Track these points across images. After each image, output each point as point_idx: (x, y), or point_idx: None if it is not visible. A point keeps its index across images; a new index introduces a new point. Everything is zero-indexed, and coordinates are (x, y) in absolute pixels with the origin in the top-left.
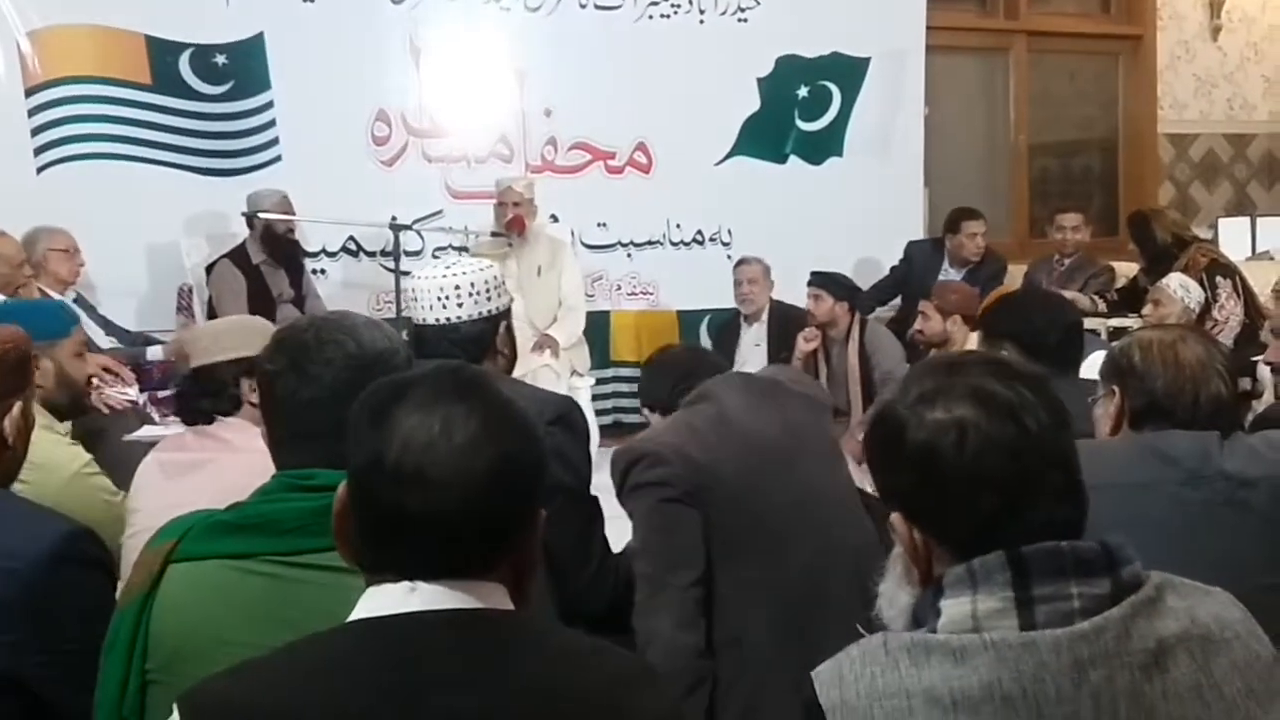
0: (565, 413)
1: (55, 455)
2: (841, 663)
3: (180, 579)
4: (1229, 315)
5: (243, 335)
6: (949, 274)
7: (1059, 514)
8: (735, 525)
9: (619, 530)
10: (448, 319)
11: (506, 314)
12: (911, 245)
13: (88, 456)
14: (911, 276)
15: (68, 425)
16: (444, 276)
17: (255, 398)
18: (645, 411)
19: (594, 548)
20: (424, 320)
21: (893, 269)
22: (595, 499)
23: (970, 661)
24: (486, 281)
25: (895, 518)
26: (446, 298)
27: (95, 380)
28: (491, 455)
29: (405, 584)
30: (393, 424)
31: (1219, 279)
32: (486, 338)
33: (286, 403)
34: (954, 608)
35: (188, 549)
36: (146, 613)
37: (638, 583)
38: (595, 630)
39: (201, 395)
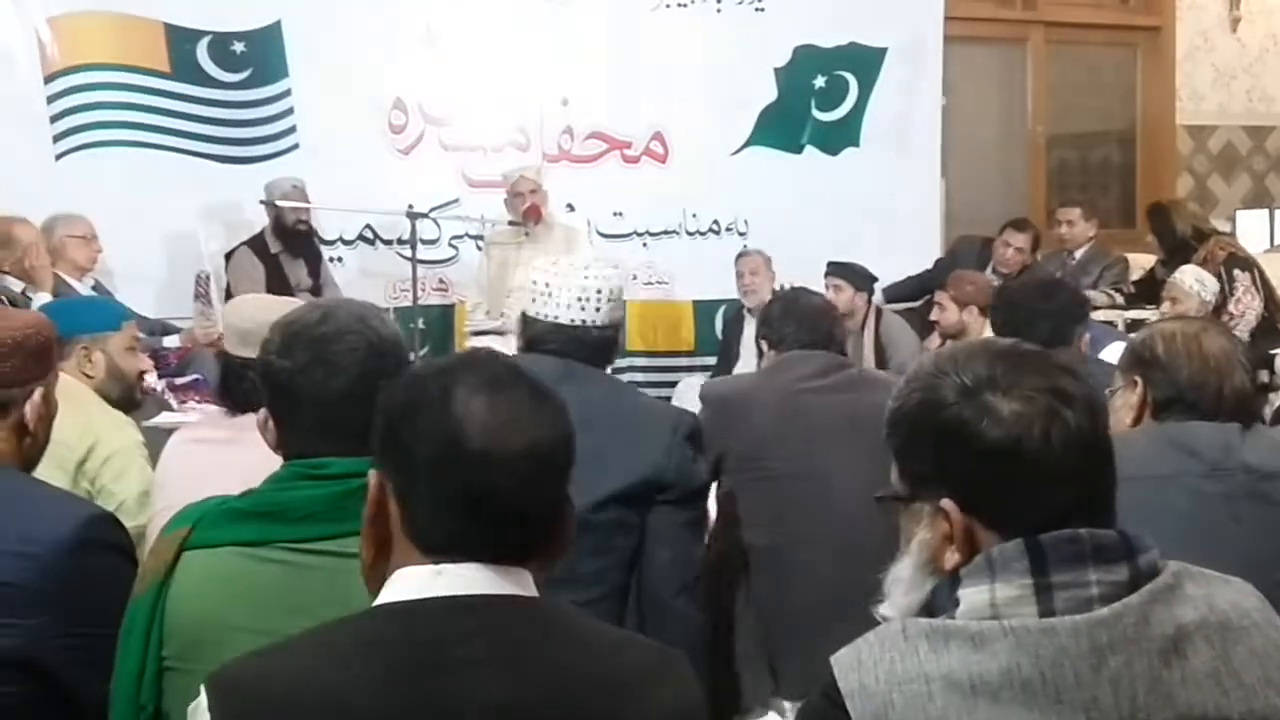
0: (696, 428)
1: (118, 426)
2: (860, 648)
3: (195, 566)
4: (1245, 309)
5: None
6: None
7: (1111, 509)
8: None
9: None
10: (583, 321)
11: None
12: (960, 241)
13: (140, 438)
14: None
15: None
16: (584, 280)
17: None
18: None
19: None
20: (553, 317)
21: (933, 266)
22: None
23: (989, 647)
24: (617, 289)
25: (949, 504)
26: (587, 300)
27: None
28: (553, 436)
29: (432, 567)
30: (463, 406)
31: (1237, 272)
32: (611, 347)
33: (313, 396)
34: (973, 595)
35: (202, 536)
36: (162, 600)
37: None
38: None
39: (243, 381)
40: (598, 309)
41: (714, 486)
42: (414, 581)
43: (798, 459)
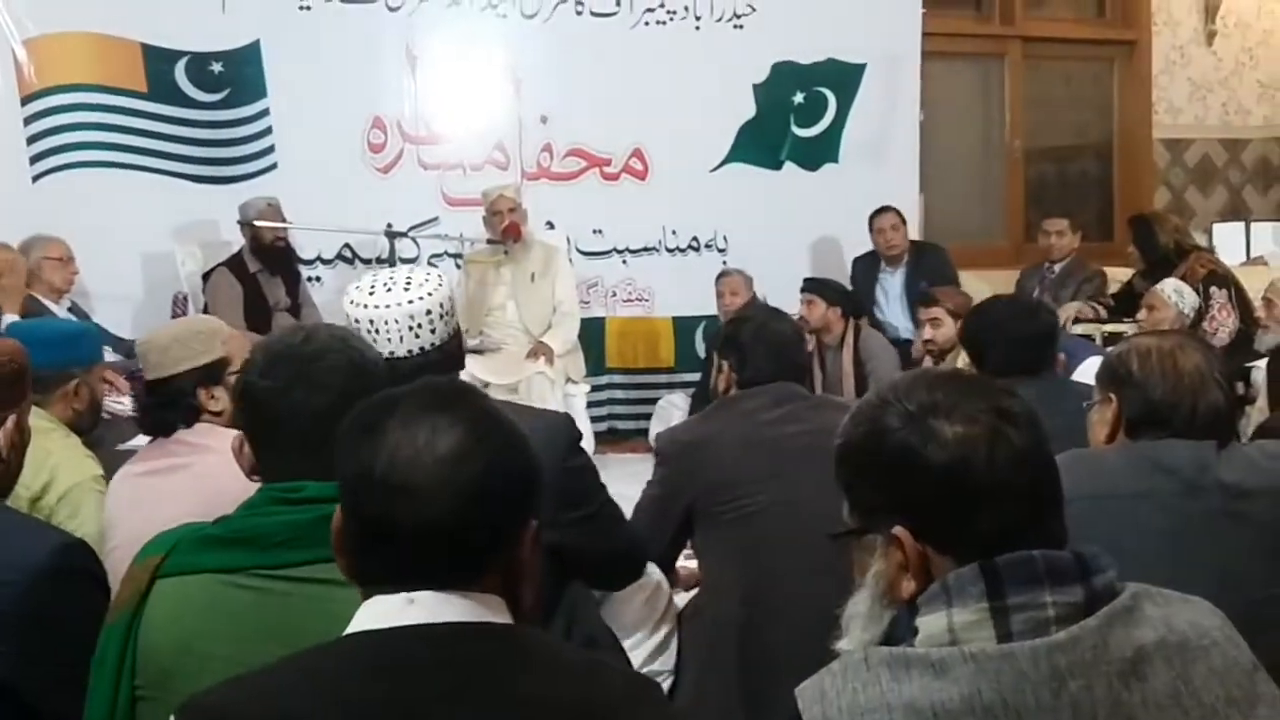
0: (577, 436)
1: (73, 458)
2: (823, 679)
3: (168, 594)
4: (1219, 327)
5: (191, 345)
6: (886, 273)
7: (1060, 522)
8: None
9: None
10: (421, 348)
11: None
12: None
13: (99, 471)
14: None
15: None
16: (409, 303)
17: (216, 406)
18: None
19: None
20: (390, 354)
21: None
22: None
23: (950, 674)
24: (445, 300)
25: (901, 532)
26: (419, 326)
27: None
28: (477, 464)
29: (404, 595)
30: (381, 437)
31: (1214, 289)
32: (456, 355)
33: (295, 415)
34: (931, 622)
35: (175, 563)
36: (134, 628)
37: None
38: None
39: (161, 408)
40: (433, 329)
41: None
42: (385, 609)
43: (766, 493)
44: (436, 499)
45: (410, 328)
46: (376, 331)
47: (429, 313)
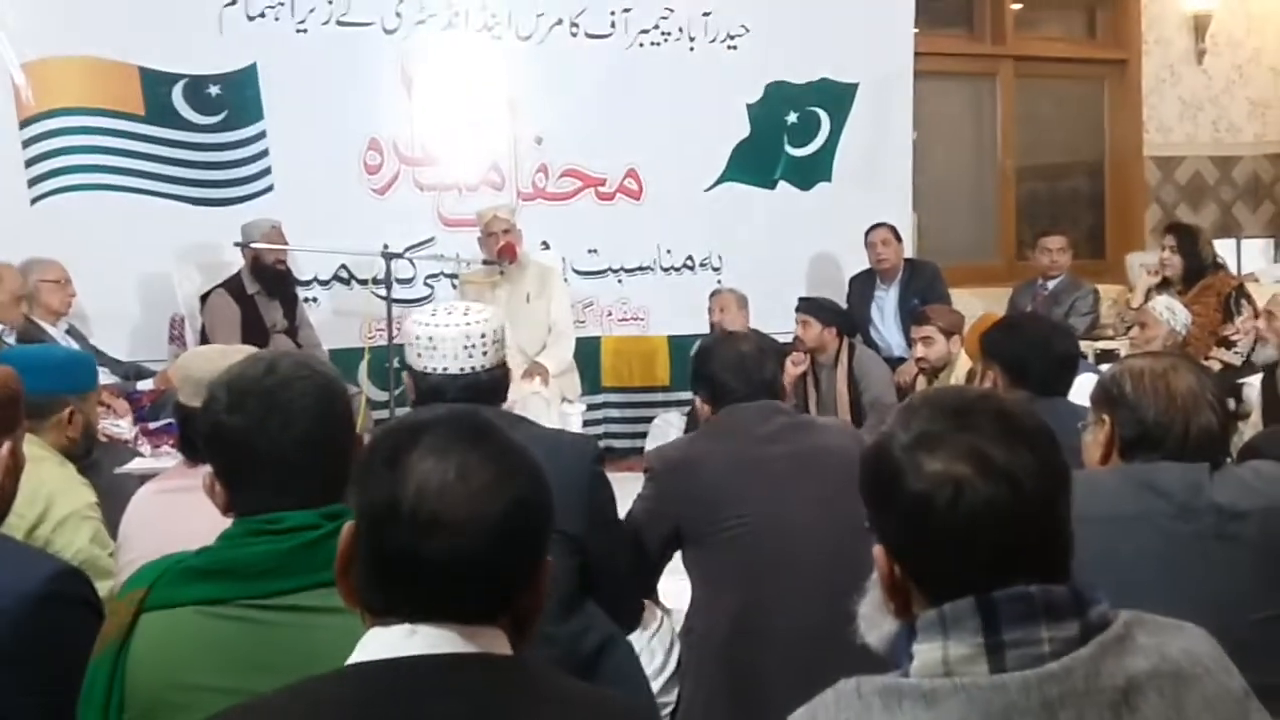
0: (601, 453)
1: (68, 487)
2: (816, 708)
3: (153, 627)
4: (1247, 332)
5: None
6: (880, 290)
7: (1039, 578)
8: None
9: None
10: (472, 368)
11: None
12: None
13: (93, 499)
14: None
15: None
16: (467, 325)
17: None
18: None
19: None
20: (444, 369)
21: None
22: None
23: (941, 705)
24: (498, 329)
25: (878, 550)
26: (473, 346)
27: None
28: (506, 501)
29: (406, 626)
30: (408, 468)
31: (1244, 301)
32: (502, 385)
33: (268, 448)
34: (926, 653)
35: (159, 596)
36: (121, 662)
37: None
38: None
39: (196, 435)
40: (485, 352)
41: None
42: (388, 640)
43: (755, 512)
44: (464, 535)
45: (465, 346)
46: (434, 348)
47: (483, 335)
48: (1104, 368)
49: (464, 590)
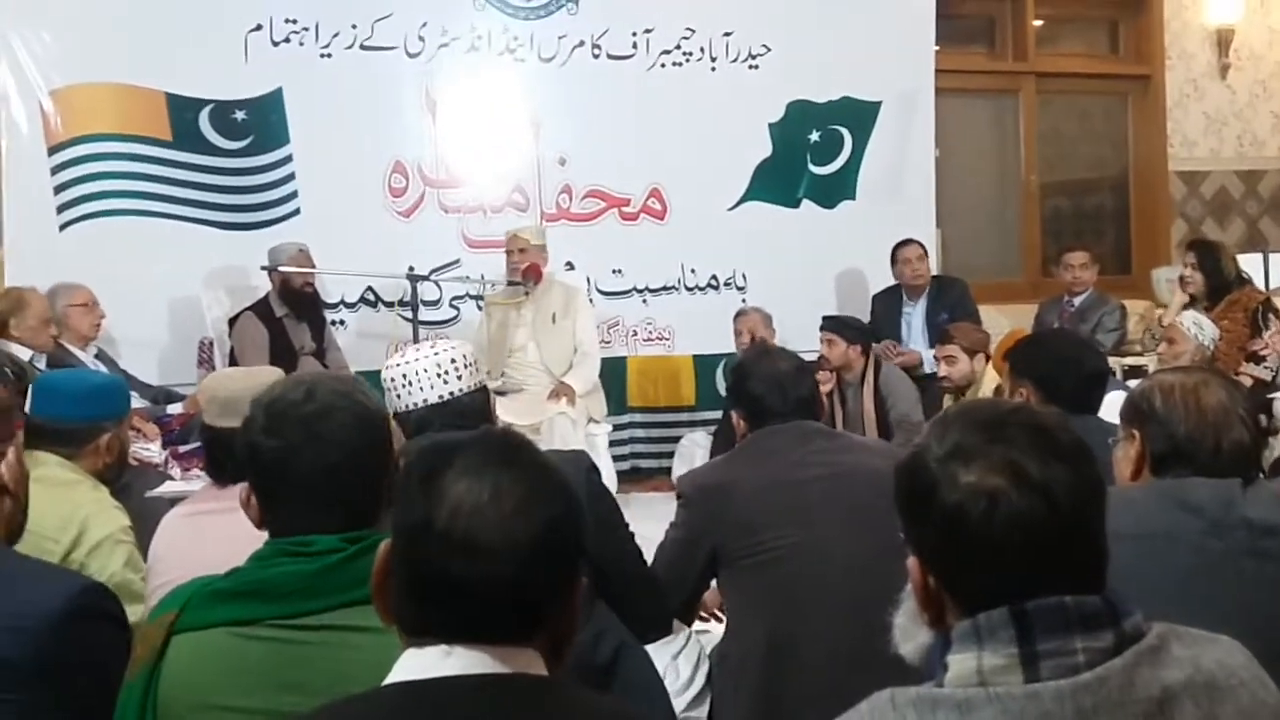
0: (593, 464)
1: (102, 510)
2: None
3: (184, 649)
4: (1277, 348)
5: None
6: (908, 306)
7: (1073, 590)
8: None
9: None
10: (450, 394)
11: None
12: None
13: (127, 522)
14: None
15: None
16: (435, 354)
17: None
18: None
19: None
20: (424, 401)
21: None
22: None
23: (975, 714)
24: (467, 354)
25: (912, 563)
26: (445, 373)
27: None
28: (539, 522)
29: (443, 647)
30: (442, 488)
31: (1272, 316)
32: (485, 408)
33: (303, 474)
34: (960, 663)
35: (190, 619)
36: (153, 685)
37: None
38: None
39: (224, 457)
40: (459, 376)
41: (713, 582)
42: (424, 661)
43: (789, 537)
44: (498, 556)
45: (439, 374)
46: (410, 383)
47: (453, 361)
48: (1132, 384)
49: (498, 611)
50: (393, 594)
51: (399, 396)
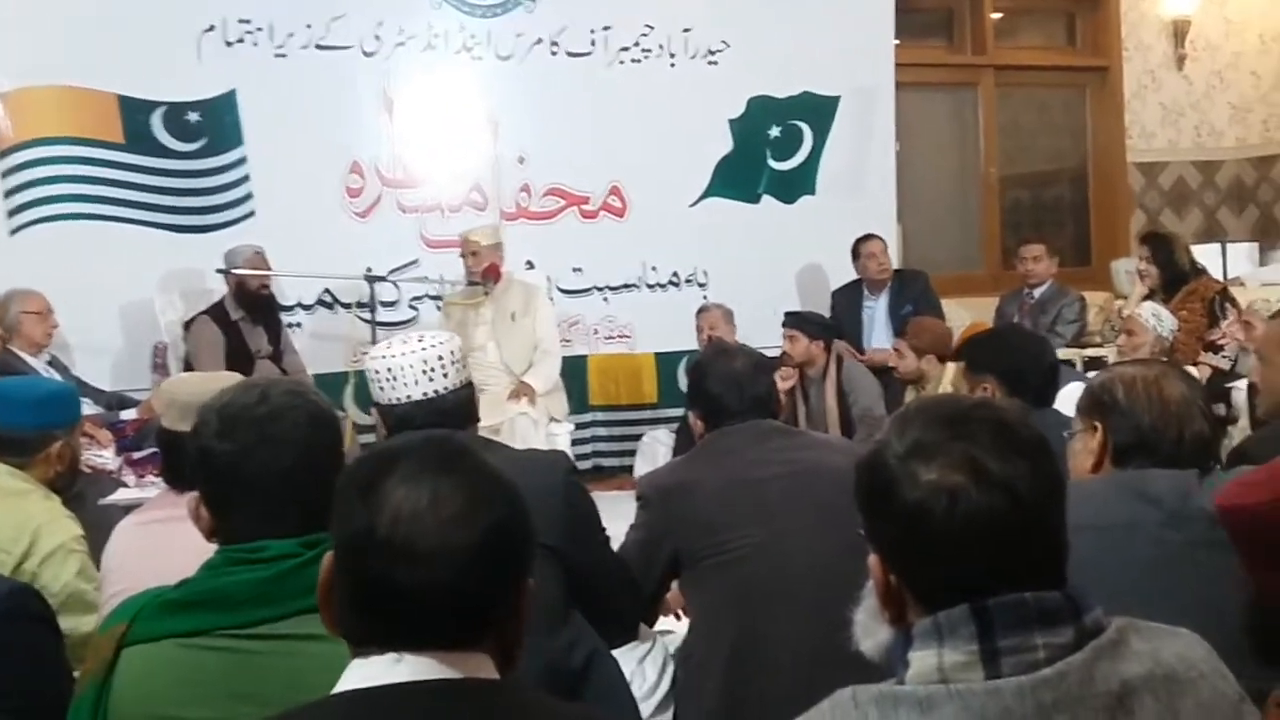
0: (573, 466)
1: (54, 520)
2: (813, 718)
3: (135, 662)
4: (1232, 337)
5: None
6: (869, 300)
7: (1034, 585)
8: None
9: None
10: (436, 391)
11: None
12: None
13: (80, 531)
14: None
15: None
16: (423, 350)
17: None
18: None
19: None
20: (408, 397)
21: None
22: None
23: (937, 711)
24: (455, 350)
25: (873, 560)
26: (431, 370)
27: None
28: (480, 528)
29: (391, 655)
30: (382, 496)
31: (1228, 305)
32: (469, 405)
33: (258, 476)
34: (922, 660)
35: (140, 631)
36: (103, 699)
37: None
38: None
39: (182, 462)
40: (445, 374)
41: (674, 584)
42: (373, 669)
43: (752, 534)
44: (440, 563)
45: (424, 371)
46: (395, 378)
47: (440, 359)
48: (1091, 375)
49: (442, 617)
50: (336, 604)
51: (381, 389)
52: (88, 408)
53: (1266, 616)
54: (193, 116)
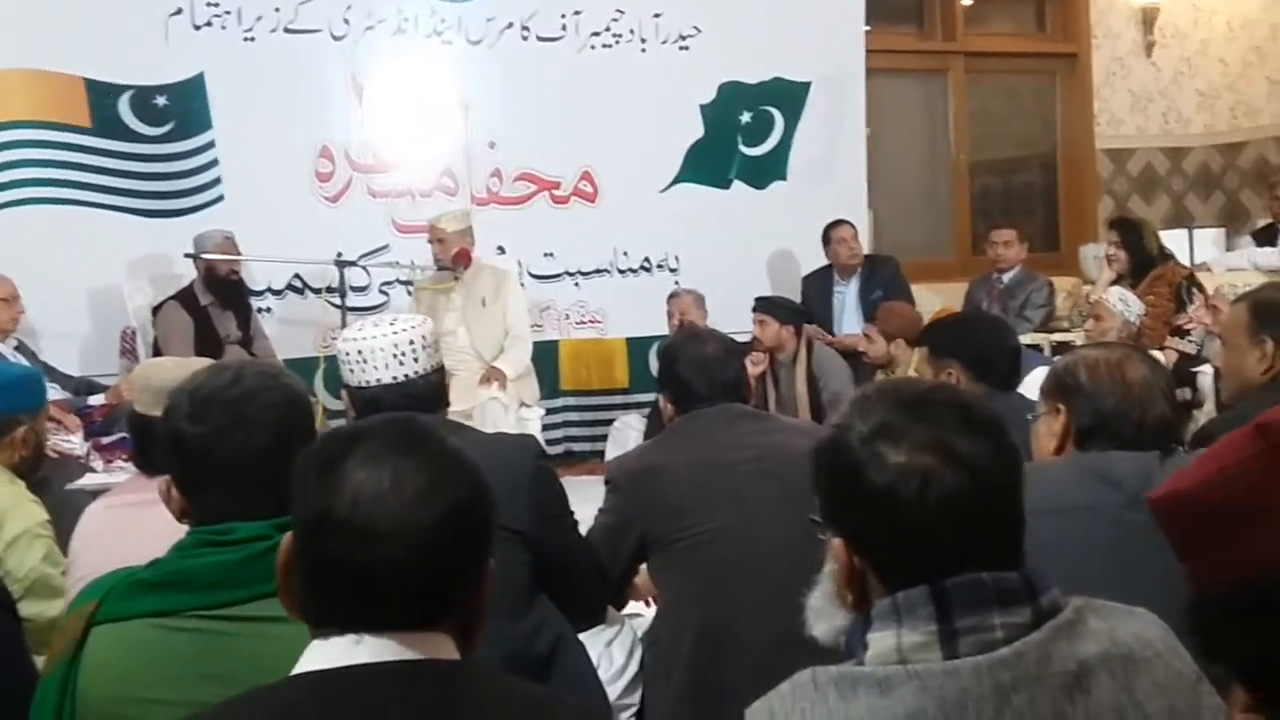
0: (542, 450)
1: (19, 505)
2: (772, 700)
3: (105, 641)
4: (1199, 322)
5: None
6: (839, 286)
7: (993, 565)
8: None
9: None
10: (406, 375)
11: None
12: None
13: (45, 516)
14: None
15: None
16: (394, 333)
17: None
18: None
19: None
20: (378, 380)
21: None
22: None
23: (895, 692)
24: (427, 335)
25: (837, 544)
26: (402, 354)
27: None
28: (440, 509)
29: (351, 637)
30: (342, 477)
31: (1195, 290)
32: (440, 390)
33: (230, 458)
34: (880, 641)
35: (110, 610)
36: (72, 677)
37: None
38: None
39: (154, 447)
40: (415, 359)
41: (643, 568)
42: (332, 650)
43: (718, 520)
44: (400, 544)
45: (395, 355)
46: (365, 360)
47: (412, 343)
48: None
49: (403, 598)
50: (296, 586)
51: (351, 371)
52: (55, 393)
53: (1202, 610)
54: (160, 100)
